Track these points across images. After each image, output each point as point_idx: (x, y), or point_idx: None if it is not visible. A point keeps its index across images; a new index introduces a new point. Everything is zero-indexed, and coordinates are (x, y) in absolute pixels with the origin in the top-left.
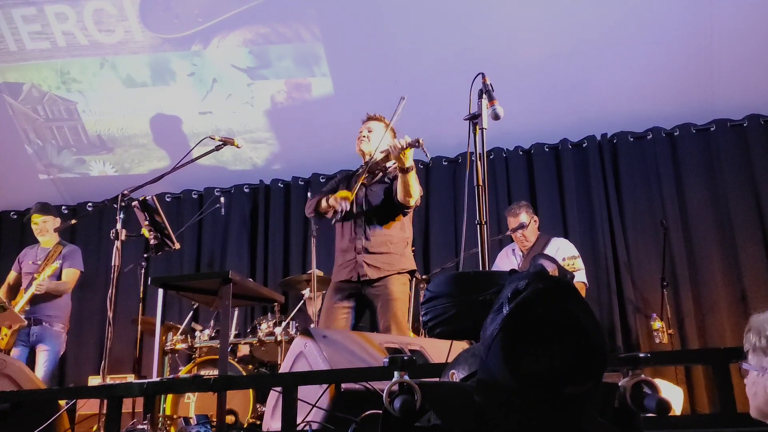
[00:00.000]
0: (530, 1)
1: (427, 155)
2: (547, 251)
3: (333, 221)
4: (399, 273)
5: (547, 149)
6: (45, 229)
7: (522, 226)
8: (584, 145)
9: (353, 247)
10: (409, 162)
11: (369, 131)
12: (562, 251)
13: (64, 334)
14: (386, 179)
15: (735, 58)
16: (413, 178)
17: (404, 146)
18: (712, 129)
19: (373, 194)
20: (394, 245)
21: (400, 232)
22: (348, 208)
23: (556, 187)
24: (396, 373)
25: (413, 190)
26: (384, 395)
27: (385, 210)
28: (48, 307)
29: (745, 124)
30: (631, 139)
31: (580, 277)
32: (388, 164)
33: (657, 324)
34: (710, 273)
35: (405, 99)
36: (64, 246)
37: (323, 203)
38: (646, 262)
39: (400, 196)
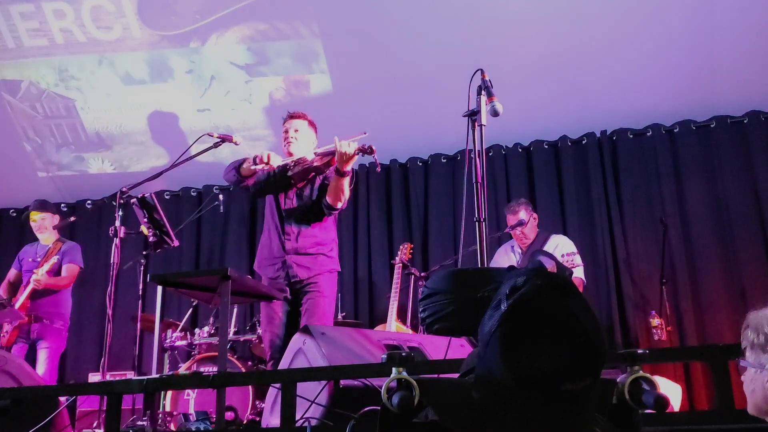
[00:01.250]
0: None
1: (378, 166)
2: (546, 248)
3: (251, 191)
4: (328, 272)
5: (546, 146)
6: (43, 226)
7: (521, 224)
8: (584, 142)
9: (282, 246)
10: (349, 167)
11: (295, 131)
12: (561, 248)
13: (65, 331)
14: (321, 181)
15: (735, 54)
16: (347, 183)
17: (354, 153)
18: (712, 126)
19: (305, 195)
20: (323, 246)
21: (328, 233)
22: (274, 168)
23: (555, 185)
24: (394, 370)
25: (344, 195)
26: (382, 391)
27: (315, 211)
28: (48, 303)
29: (745, 121)
30: (631, 136)
31: (579, 274)
32: (326, 168)
33: (656, 321)
34: (709, 270)
35: (366, 134)
36: (63, 243)
37: (246, 164)
38: (645, 259)
39: (329, 198)
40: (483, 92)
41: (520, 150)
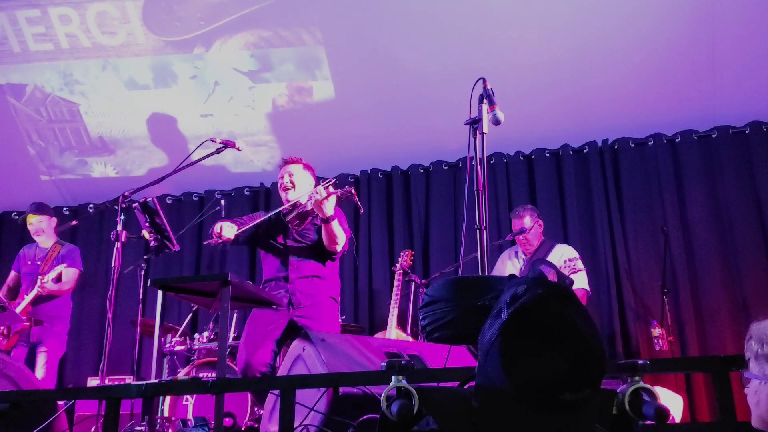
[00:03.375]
0: (532, 6)
1: (360, 208)
2: (551, 257)
3: (205, 242)
4: (329, 298)
5: (547, 154)
6: (40, 229)
7: (522, 231)
8: (585, 151)
9: (284, 277)
10: (329, 211)
11: (290, 176)
12: (566, 257)
13: (65, 335)
14: (316, 222)
15: (737, 64)
16: (336, 227)
17: (325, 196)
18: (713, 136)
19: (306, 236)
20: (322, 279)
21: (329, 269)
22: (227, 244)
23: (556, 193)
24: (393, 378)
25: (338, 238)
26: (381, 399)
27: (315, 250)
28: (49, 307)
29: (747, 131)
30: (633, 145)
31: (582, 283)
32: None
33: (657, 331)
34: (711, 280)
35: (335, 180)
36: (62, 246)
37: (215, 227)
38: (647, 269)
39: (326, 243)
40: (485, 100)
41: (522, 158)
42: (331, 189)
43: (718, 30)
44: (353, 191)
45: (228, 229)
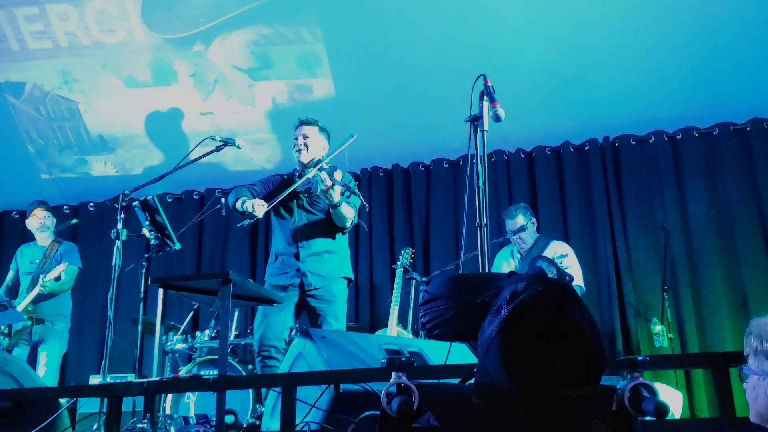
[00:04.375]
0: (532, 3)
1: (364, 205)
2: (545, 254)
3: (239, 224)
4: (341, 279)
5: (548, 152)
6: (46, 225)
7: (522, 228)
8: (586, 148)
9: (293, 253)
10: (336, 199)
11: (305, 138)
12: (557, 254)
13: (66, 333)
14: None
15: (738, 61)
16: (344, 209)
17: (330, 185)
18: (714, 132)
19: (316, 207)
20: (332, 255)
21: (339, 243)
22: (260, 216)
23: (557, 190)
24: (394, 375)
25: (347, 219)
26: (382, 396)
27: (325, 222)
28: (49, 306)
29: (748, 128)
30: (633, 142)
31: (577, 281)
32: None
33: (657, 328)
34: (711, 277)
35: (355, 137)
36: (60, 243)
37: (238, 204)
38: (647, 266)
39: (336, 222)
40: (485, 98)
41: (523, 155)
42: (336, 179)
43: (720, 26)
44: (356, 190)
45: (260, 208)
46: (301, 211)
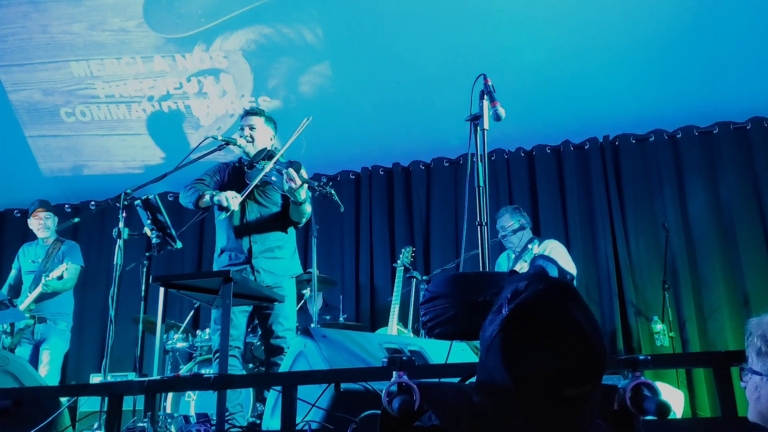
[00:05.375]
0: (533, 2)
1: (341, 206)
2: (534, 252)
3: (201, 215)
4: (291, 277)
5: (548, 151)
6: (48, 225)
7: (523, 227)
8: (586, 147)
9: (245, 249)
10: (301, 197)
11: (250, 129)
12: (551, 252)
13: (68, 332)
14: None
15: (738, 60)
16: (306, 206)
17: (299, 185)
18: (714, 131)
19: (268, 200)
20: (284, 250)
21: (290, 237)
22: (235, 209)
23: (557, 189)
24: (395, 374)
25: (307, 215)
26: (383, 395)
27: (279, 216)
28: (52, 304)
29: (748, 127)
30: (633, 141)
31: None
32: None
33: (658, 326)
34: (712, 276)
35: (309, 119)
36: (62, 242)
37: (206, 198)
38: (648, 265)
39: (291, 216)
40: (486, 97)
41: (523, 154)
42: (304, 178)
43: (720, 26)
44: (332, 192)
45: (234, 200)
46: (253, 203)
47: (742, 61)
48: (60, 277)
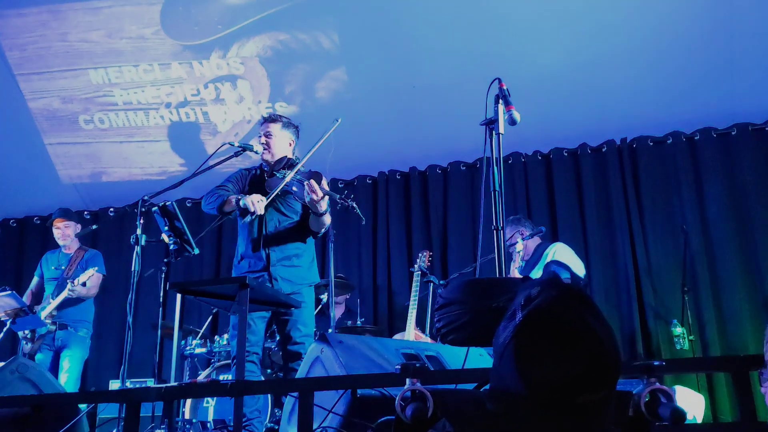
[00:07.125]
0: (548, 6)
1: (362, 219)
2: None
3: (219, 221)
4: (309, 286)
5: (566, 154)
6: (66, 234)
7: (541, 231)
8: (603, 150)
9: (263, 256)
10: (323, 208)
11: (267, 136)
12: (556, 255)
13: (88, 339)
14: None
15: (756, 60)
16: (326, 216)
17: (321, 197)
18: (733, 133)
19: (289, 209)
20: (302, 259)
21: (309, 246)
22: (261, 213)
23: (575, 192)
24: (408, 381)
25: (326, 225)
26: (396, 402)
27: (298, 225)
28: (73, 312)
29: (766, 128)
30: (651, 144)
31: None
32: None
33: (678, 330)
34: (732, 279)
35: (339, 121)
36: (85, 251)
37: (232, 203)
38: (667, 268)
39: (312, 227)
40: (501, 101)
41: (540, 158)
42: (325, 190)
43: (737, 26)
44: (354, 204)
45: (260, 204)
46: (273, 211)
47: (760, 62)
48: (85, 284)
